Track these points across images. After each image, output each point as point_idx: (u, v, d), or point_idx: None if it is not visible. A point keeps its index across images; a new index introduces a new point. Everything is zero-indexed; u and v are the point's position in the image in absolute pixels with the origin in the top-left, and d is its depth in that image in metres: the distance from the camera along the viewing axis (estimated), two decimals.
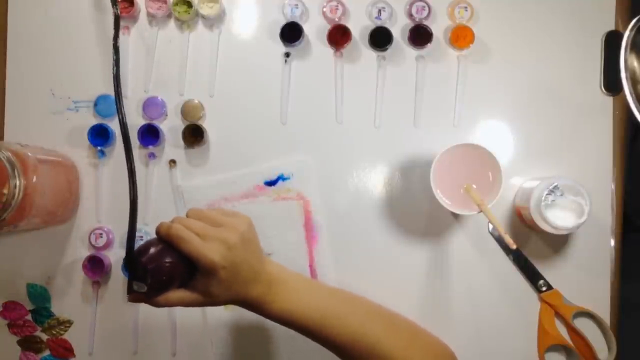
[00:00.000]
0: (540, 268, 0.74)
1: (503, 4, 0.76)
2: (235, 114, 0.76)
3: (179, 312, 0.76)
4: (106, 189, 0.76)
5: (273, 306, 0.59)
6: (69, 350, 0.76)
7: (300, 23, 0.75)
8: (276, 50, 0.76)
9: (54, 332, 0.76)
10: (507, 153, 0.75)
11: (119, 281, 0.76)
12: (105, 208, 0.76)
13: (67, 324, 0.76)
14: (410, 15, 0.75)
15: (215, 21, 0.77)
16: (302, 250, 0.76)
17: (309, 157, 0.76)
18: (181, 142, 0.75)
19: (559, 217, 0.67)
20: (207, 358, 0.76)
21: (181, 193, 0.76)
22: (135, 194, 0.60)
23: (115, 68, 0.69)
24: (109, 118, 0.76)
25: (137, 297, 0.57)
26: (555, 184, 0.68)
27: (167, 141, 0.76)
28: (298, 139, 0.76)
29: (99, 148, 0.76)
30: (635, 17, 0.67)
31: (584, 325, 0.74)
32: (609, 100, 0.75)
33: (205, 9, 0.75)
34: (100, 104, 0.76)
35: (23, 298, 0.76)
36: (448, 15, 0.76)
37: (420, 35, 0.75)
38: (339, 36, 0.75)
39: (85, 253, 0.75)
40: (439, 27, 0.76)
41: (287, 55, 0.76)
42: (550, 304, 0.74)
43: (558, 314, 0.74)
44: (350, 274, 0.75)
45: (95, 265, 0.74)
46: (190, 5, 0.75)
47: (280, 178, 0.76)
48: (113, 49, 0.70)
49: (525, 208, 0.70)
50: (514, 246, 0.64)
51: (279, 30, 0.75)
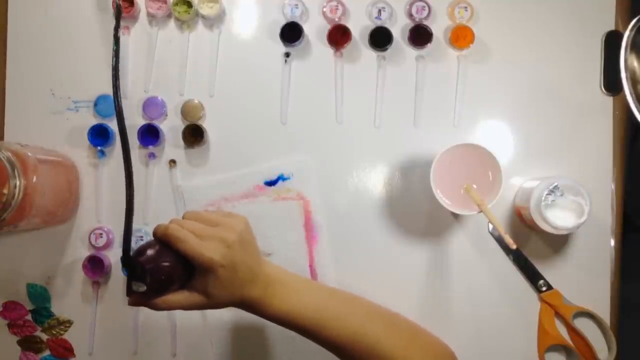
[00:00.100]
0: (540, 268, 0.74)
1: (503, 4, 0.76)
2: (235, 114, 0.76)
3: (179, 312, 0.75)
4: (106, 189, 0.76)
5: (272, 307, 0.59)
6: (69, 350, 0.76)
7: (300, 23, 0.75)
8: (276, 50, 0.76)
9: (54, 332, 0.76)
10: (507, 153, 0.75)
11: (119, 281, 0.76)
12: (105, 208, 0.76)
13: (67, 324, 0.76)
14: (410, 15, 0.75)
15: (215, 21, 0.77)
16: (302, 250, 0.76)
17: (309, 157, 0.76)
18: (181, 142, 0.75)
19: (559, 217, 0.67)
20: (207, 358, 0.76)
21: (181, 193, 0.76)
22: (131, 193, 0.60)
23: (114, 59, 0.68)
24: (109, 118, 0.76)
25: (137, 301, 0.57)
26: (555, 184, 0.68)
27: (167, 141, 0.76)
28: (298, 139, 0.76)
29: (99, 148, 0.76)
30: (635, 17, 0.67)
31: (584, 325, 0.74)
32: (609, 100, 0.75)
33: (205, 9, 0.75)
34: (100, 104, 0.76)
35: (23, 298, 0.76)
36: (448, 15, 0.76)
37: (420, 35, 0.75)
38: (339, 36, 0.75)
39: (85, 253, 0.75)
40: (439, 27, 0.76)
41: (287, 55, 0.76)
42: (550, 304, 0.74)
43: (558, 314, 0.74)
44: (350, 274, 0.75)
45: (95, 265, 0.74)
46: (190, 5, 0.75)
47: (280, 178, 0.76)
48: (113, 39, 0.70)
49: (525, 208, 0.70)
50: (514, 246, 0.64)
51: (279, 30, 0.75)
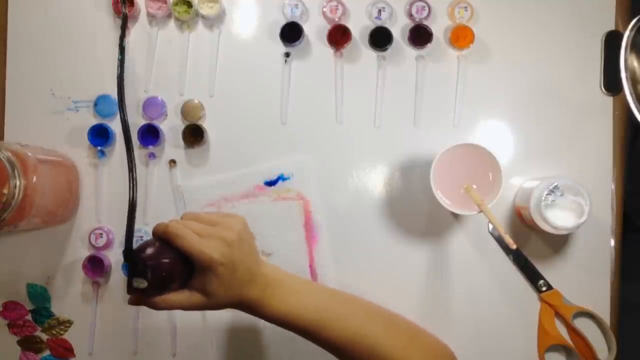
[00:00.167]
0: (540, 268, 0.74)
1: (503, 4, 0.76)
2: (235, 114, 0.76)
3: (179, 312, 0.75)
4: (106, 189, 0.76)
5: (271, 308, 0.59)
6: (69, 350, 0.76)
7: (300, 23, 0.75)
8: (276, 50, 0.76)
9: (54, 332, 0.76)
10: (507, 153, 0.75)
11: (119, 281, 0.76)
12: (105, 208, 0.76)
13: (67, 324, 0.76)
14: (410, 15, 0.75)
15: (215, 21, 0.77)
16: (302, 250, 0.76)
17: (309, 157, 0.76)
18: (181, 142, 0.75)
19: (559, 217, 0.67)
20: (207, 358, 0.76)
21: (181, 193, 0.76)
22: (134, 193, 0.60)
23: (119, 69, 0.68)
24: (109, 118, 0.76)
25: (138, 299, 0.57)
26: (555, 184, 0.68)
27: (167, 141, 0.76)
28: (298, 139, 0.76)
29: (99, 148, 0.76)
30: (635, 17, 0.67)
31: (584, 325, 0.74)
32: (609, 100, 0.75)
33: (205, 9, 0.75)
34: (100, 104, 0.76)
35: (23, 298, 0.76)
36: (448, 15, 0.76)
37: (420, 35, 0.75)
38: (339, 36, 0.75)
39: (85, 253, 0.75)
40: (439, 27, 0.76)
41: (287, 55, 0.76)
42: (550, 304, 0.74)
43: (558, 314, 0.74)
44: (350, 274, 0.75)
45: (95, 265, 0.74)
46: (190, 5, 0.75)
47: (280, 178, 0.76)
48: (119, 49, 0.70)
49: (525, 208, 0.70)
50: (514, 246, 0.64)
51: (279, 30, 0.75)
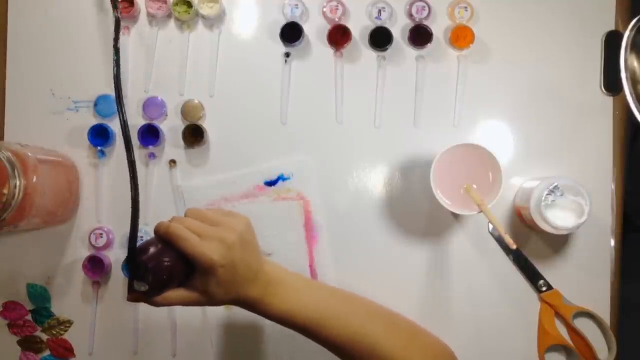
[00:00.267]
0: (540, 268, 0.74)
1: (503, 4, 0.76)
2: (235, 114, 0.76)
3: (179, 312, 0.76)
4: (106, 189, 0.76)
5: (272, 306, 0.59)
6: (69, 350, 0.76)
7: (300, 23, 0.75)
8: (276, 50, 0.76)
9: (54, 332, 0.76)
10: (507, 153, 0.75)
11: (119, 281, 0.76)
12: (105, 208, 0.76)
13: (67, 324, 0.76)
14: (410, 15, 0.75)
15: (215, 21, 0.77)
16: (302, 250, 0.76)
17: (309, 157, 0.76)
18: (181, 142, 0.75)
19: (559, 217, 0.67)
20: (207, 358, 0.76)
21: (181, 193, 0.76)
22: (136, 193, 0.60)
23: (115, 68, 0.69)
24: (109, 118, 0.76)
25: (137, 297, 0.57)
26: (555, 184, 0.68)
27: (167, 141, 0.76)
28: (298, 139, 0.76)
29: (99, 148, 0.76)
30: (635, 17, 0.67)
31: (584, 325, 0.74)
32: (609, 100, 0.75)
33: (205, 9, 0.75)
34: (100, 104, 0.76)
35: (23, 298, 0.76)
36: (448, 15, 0.76)
37: (420, 35, 0.75)
38: (339, 36, 0.75)
39: (85, 253, 0.75)
40: (439, 27, 0.76)
41: (287, 55, 0.76)
42: (550, 304, 0.74)
43: (558, 314, 0.74)
44: (350, 274, 0.75)
45: (95, 265, 0.74)
46: (190, 5, 0.75)
47: (280, 178, 0.76)
48: (113, 50, 0.70)
49: (525, 208, 0.70)
50: (514, 246, 0.64)
51: (279, 30, 0.75)
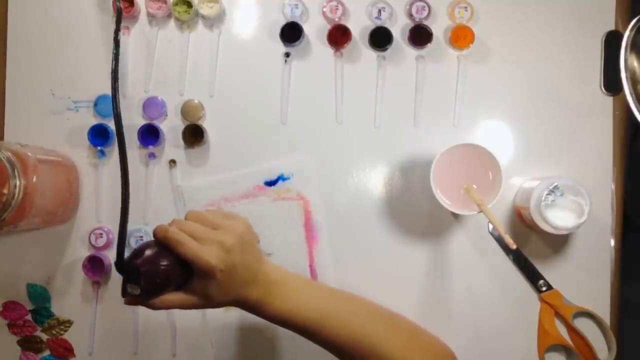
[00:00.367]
0: (540, 268, 0.74)
1: (503, 4, 0.76)
2: (235, 114, 0.76)
3: (179, 313, 0.76)
4: (106, 189, 0.76)
5: (272, 307, 0.59)
6: (69, 350, 0.76)
7: (300, 23, 0.75)
8: (276, 50, 0.76)
9: (54, 332, 0.76)
10: (507, 153, 0.75)
11: (118, 281, 0.75)
12: (105, 208, 0.76)
13: (67, 324, 0.76)
14: (410, 15, 0.75)
15: (215, 21, 0.77)
16: (302, 250, 0.76)
17: (309, 157, 0.76)
18: (181, 142, 0.75)
19: (559, 217, 0.67)
20: (207, 358, 0.76)
21: (181, 193, 0.76)
22: (127, 191, 0.60)
23: (114, 62, 0.68)
24: (109, 118, 0.76)
25: (134, 300, 0.57)
26: (555, 184, 0.68)
27: (167, 141, 0.76)
28: (298, 139, 0.76)
29: (99, 148, 0.76)
30: (635, 17, 0.68)
31: (584, 325, 0.74)
32: (609, 100, 0.75)
33: (205, 9, 0.75)
34: (100, 104, 0.76)
35: (23, 298, 0.76)
36: (448, 15, 0.76)
37: (420, 35, 0.75)
38: (339, 36, 0.75)
39: (85, 253, 0.75)
40: (439, 27, 0.76)
41: (287, 55, 0.76)
42: (550, 304, 0.74)
43: (558, 314, 0.74)
44: (350, 274, 0.75)
45: (95, 265, 0.75)
46: (190, 5, 0.75)
47: (280, 178, 0.76)
48: (114, 43, 0.70)
49: (525, 208, 0.70)
50: (514, 246, 0.64)
51: (279, 30, 0.75)
